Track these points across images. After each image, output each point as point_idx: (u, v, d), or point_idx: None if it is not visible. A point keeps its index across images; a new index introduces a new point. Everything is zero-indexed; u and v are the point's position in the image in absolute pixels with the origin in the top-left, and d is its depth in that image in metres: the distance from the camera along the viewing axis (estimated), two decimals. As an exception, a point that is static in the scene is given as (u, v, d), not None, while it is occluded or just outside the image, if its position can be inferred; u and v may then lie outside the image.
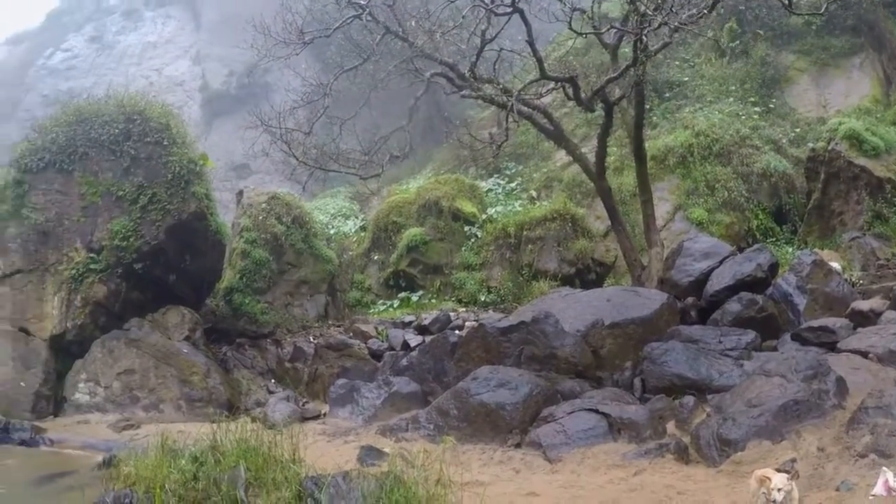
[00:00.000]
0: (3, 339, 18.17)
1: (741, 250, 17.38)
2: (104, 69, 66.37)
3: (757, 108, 26.99)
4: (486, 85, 17.81)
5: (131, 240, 18.52)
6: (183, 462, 8.50)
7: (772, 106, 27.47)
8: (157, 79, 62.40)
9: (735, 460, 9.49)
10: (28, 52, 72.10)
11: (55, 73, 66.84)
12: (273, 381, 19.99)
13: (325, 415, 16.03)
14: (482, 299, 23.09)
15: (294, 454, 8.53)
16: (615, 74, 17.52)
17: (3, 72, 69.97)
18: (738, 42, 29.07)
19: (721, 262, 15.71)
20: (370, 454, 11.00)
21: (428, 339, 18.12)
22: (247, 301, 21.77)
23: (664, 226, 22.77)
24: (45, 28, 77.91)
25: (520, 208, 26.80)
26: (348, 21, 18.70)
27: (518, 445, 11.46)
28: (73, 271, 18.46)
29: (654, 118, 27.80)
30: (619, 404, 11.78)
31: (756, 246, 17.49)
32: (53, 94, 63.43)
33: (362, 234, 28.41)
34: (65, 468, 12.50)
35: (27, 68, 69.05)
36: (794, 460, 8.93)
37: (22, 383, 17.77)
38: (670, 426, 11.25)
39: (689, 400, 11.56)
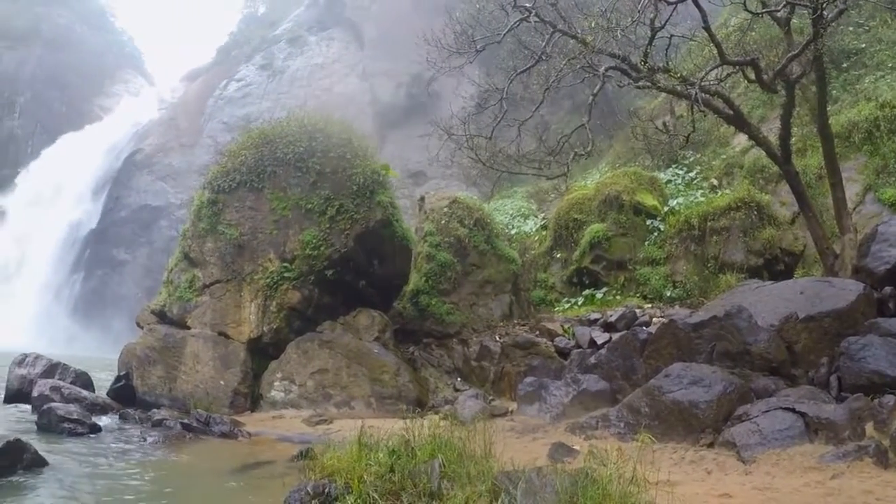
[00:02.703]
0: (205, 343, 19.41)
1: (940, 232, 16.19)
2: (277, 94, 69.85)
3: (944, 71, 24.74)
4: (662, 74, 17.45)
5: (322, 249, 19.31)
6: (380, 455, 8.61)
7: (958, 66, 25.09)
8: (329, 97, 64.94)
9: (940, 466, 8.80)
10: (204, 86, 76.93)
11: (232, 102, 70.87)
12: (459, 379, 20.36)
13: (512, 412, 16.03)
14: (667, 294, 22.52)
15: (487, 449, 8.55)
16: (796, 52, 16.72)
17: (185, 104, 74.81)
18: (914, -2, 26.19)
19: (921, 247, 14.76)
20: (560, 451, 10.89)
21: (614, 336, 17.92)
22: (433, 302, 22.24)
23: (854, 209, 21.30)
24: (217, 62, 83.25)
25: (702, 198, 25.99)
26: (516, 24, 18.79)
27: (711, 445, 11.14)
28: (268, 280, 19.40)
29: (834, 91, 26.11)
30: (816, 403, 11.18)
31: (959, 227, 16.29)
32: (232, 121, 67.57)
33: (543, 232, 28.37)
34: (262, 459, 12.89)
35: (205, 99, 73.52)
36: None
37: (221, 382, 18.92)
38: (868, 427, 10.50)
39: (890, 399, 10.71)
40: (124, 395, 19.39)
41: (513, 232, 29.35)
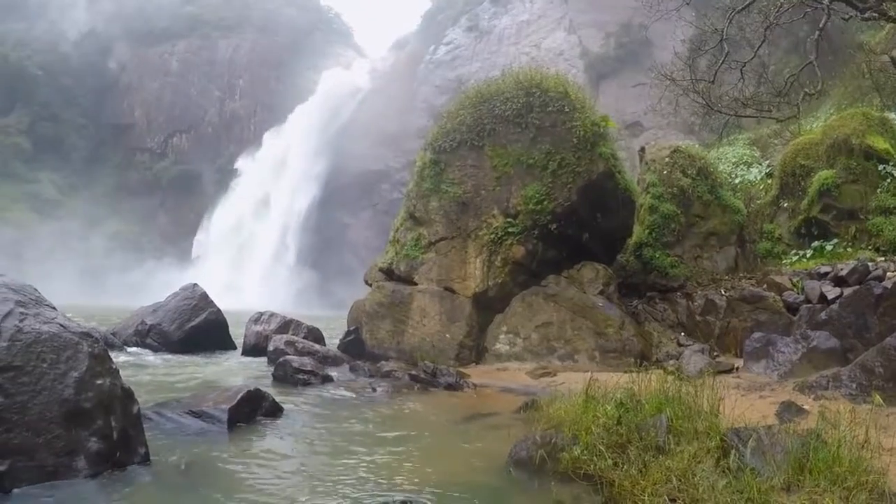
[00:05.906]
0: (432, 298, 20.16)
1: None
2: (486, 53, 70.97)
3: None
4: (891, 3, 16.21)
5: (545, 203, 19.53)
6: (608, 408, 8.77)
7: None
8: (538, 53, 65.32)
9: None
10: (413, 53, 79.38)
11: (442, 65, 72.68)
12: (683, 333, 20.15)
13: (737, 368, 15.78)
14: (904, 247, 21.03)
15: (715, 406, 8.49)
16: None
17: (396, 71, 77.26)
18: None
19: None
20: (789, 410, 10.68)
21: (846, 291, 17.19)
22: (656, 255, 22.13)
23: None
24: (423, 28, 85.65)
25: (937, 139, 24.14)
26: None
27: (948, 412, 10.61)
28: (493, 235, 19.83)
29: None
30: None
31: None
32: (444, 84, 69.23)
33: (769, 181, 27.26)
34: (487, 409, 13.14)
35: (416, 65, 75.85)
36: None
37: (447, 335, 19.60)
38: None
39: None
40: (353, 349, 20.61)
41: (736, 181, 28.40)
